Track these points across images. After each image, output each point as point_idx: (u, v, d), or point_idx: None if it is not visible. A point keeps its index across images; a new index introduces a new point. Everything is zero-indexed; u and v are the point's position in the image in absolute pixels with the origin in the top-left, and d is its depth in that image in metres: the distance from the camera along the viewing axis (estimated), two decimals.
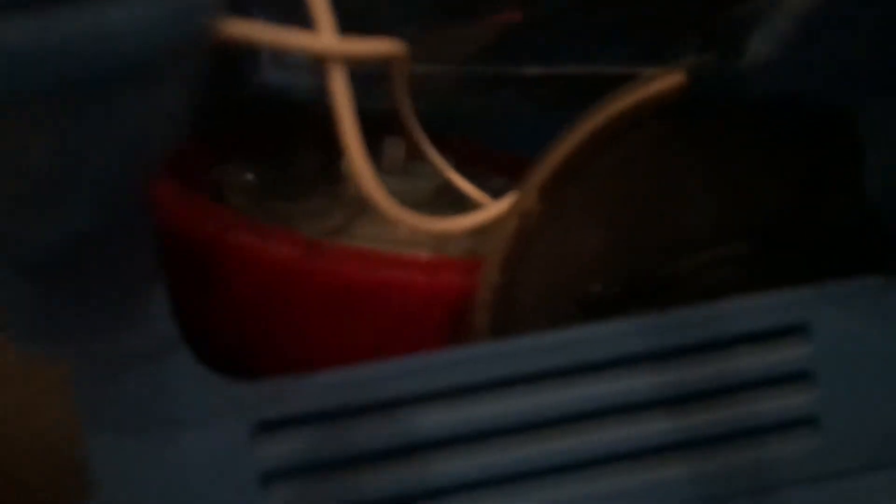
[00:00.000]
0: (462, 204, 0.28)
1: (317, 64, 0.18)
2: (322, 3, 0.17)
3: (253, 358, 0.22)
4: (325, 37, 0.17)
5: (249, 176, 0.27)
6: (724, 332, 0.19)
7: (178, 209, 0.23)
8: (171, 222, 0.23)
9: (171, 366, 0.18)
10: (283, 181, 0.27)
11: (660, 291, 0.21)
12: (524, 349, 0.19)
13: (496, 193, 0.28)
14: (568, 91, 0.24)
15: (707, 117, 0.18)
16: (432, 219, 0.21)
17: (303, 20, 0.18)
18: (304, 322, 0.22)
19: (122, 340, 0.17)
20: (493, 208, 0.21)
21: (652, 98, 0.18)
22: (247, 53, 0.24)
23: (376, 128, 0.27)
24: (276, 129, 0.28)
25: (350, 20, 0.18)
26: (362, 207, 0.27)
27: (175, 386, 0.18)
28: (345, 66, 0.17)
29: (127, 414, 0.18)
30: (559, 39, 0.23)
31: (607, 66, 0.23)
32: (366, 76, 0.20)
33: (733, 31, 0.16)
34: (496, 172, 0.32)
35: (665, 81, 0.18)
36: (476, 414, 0.19)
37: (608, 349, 0.19)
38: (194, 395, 0.18)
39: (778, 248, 0.20)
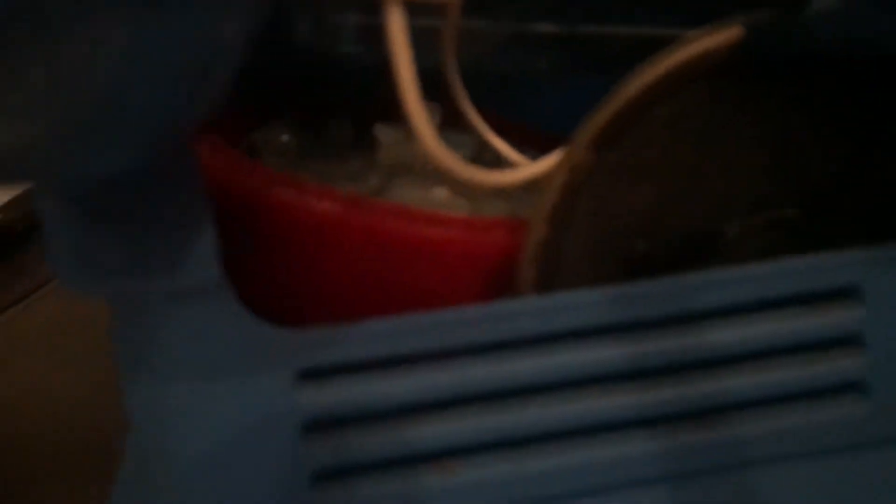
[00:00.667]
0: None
1: (361, 21, 0.18)
2: None
3: (292, 317, 0.21)
4: None
5: (285, 137, 0.26)
6: (772, 294, 0.19)
7: (217, 165, 0.23)
8: (210, 178, 0.23)
9: (214, 308, 0.18)
10: (318, 144, 0.27)
11: (706, 253, 0.20)
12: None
13: None
14: (609, 54, 0.24)
15: (762, 74, 0.18)
16: (484, 171, 0.21)
17: None
18: (345, 279, 0.21)
19: (167, 279, 0.17)
20: (545, 162, 0.20)
21: (707, 53, 0.18)
22: (285, 15, 0.24)
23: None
24: (311, 93, 0.28)
25: None
26: (398, 172, 0.27)
27: (217, 330, 0.18)
28: (402, 5, 0.17)
29: (167, 358, 0.18)
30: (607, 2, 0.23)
31: (653, 27, 0.23)
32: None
33: None
34: (526, 146, 0.32)
35: (721, 36, 0.18)
36: (513, 370, 0.19)
37: (658, 307, 0.19)
38: (237, 340, 0.18)
39: (828, 211, 0.20)
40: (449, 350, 0.19)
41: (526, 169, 0.21)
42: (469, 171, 0.20)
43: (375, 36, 0.20)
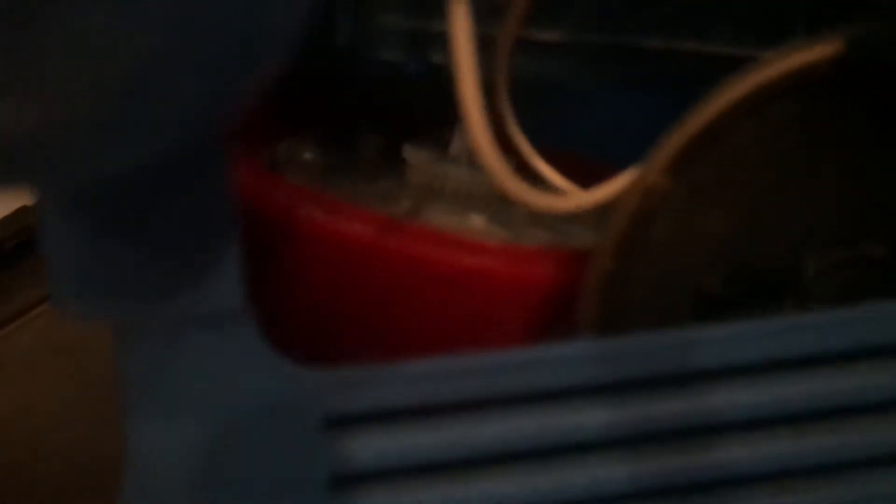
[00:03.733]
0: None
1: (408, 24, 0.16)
2: None
3: (320, 341, 0.19)
4: None
5: (308, 155, 0.24)
6: (852, 342, 0.17)
7: (245, 180, 0.21)
8: (237, 192, 0.21)
9: (233, 342, 0.16)
10: (344, 160, 0.25)
11: (782, 291, 0.18)
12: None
13: None
14: (669, 69, 0.22)
15: (862, 94, 0.16)
16: (549, 195, 0.19)
17: None
18: (376, 306, 0.19)
19: (182, 305, 0.15)
20: (616, 183, 0.18)
21: (804, 68, 0.16)
22: (325, 15, 0.22)
23: (446, 115, 0.25)
24: (343, 104, 0.26)
25: None
26: (430, 195, 0.25)
27: (236, 366, 0.16)
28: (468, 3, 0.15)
29: (175, 395, 0.16)
30: (668, 13, 0.21)
31: (711, 44, 0.21)
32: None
33: None
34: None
35: (815, 51, 0.16)
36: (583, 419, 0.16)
37: (745, 351, 0.16)
38: (257, 380, 0.16)
39: None
40: (494, 398, 0.16)
41: (593, 193, 0.19)
42: (536, 196, 0.18)
43: (423, 41, 0.18)
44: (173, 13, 0.10)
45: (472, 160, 0.28)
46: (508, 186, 0.17)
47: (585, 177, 0.29)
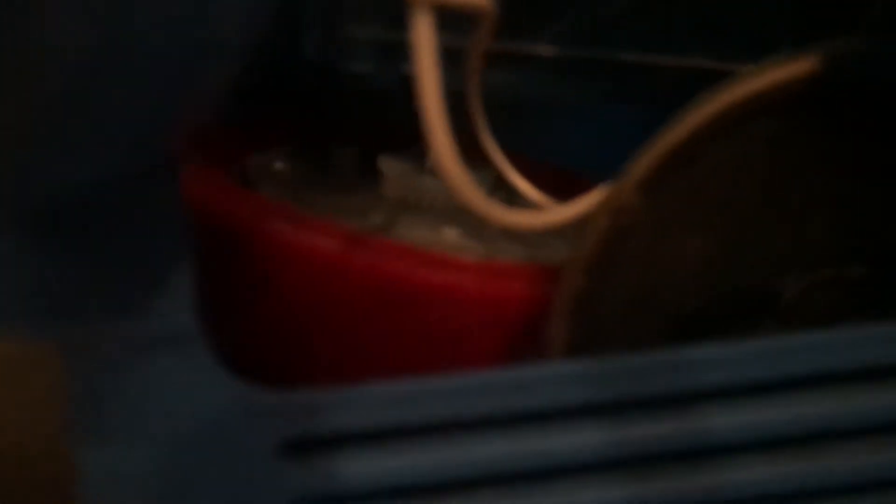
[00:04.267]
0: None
1: (381, 34, 0.16)
2: None
3: (285, 360, 0.19)
4: None
5: (279, 164, 0.24)
6: (828, 366, 0.17)
7: (207, 192, 0.20)
8: (199, 206, 0.20)
9: (185, 362, 0.15)
10: (319, 174, 0.24)
11: (761, 313, 0.18)
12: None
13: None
14: (648, 84, 0.21)
15: (840, 112, 0.16)
16: (520, 212, 0.18)
17: None
18: (342, 324, 0.19)
19: (132, 323, 0.14)
20: (584, 201, 0.18)
21: (780, 85, 0.15)
22: (292, 25, 0.22)
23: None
24: (316, 116, 0.25)
25: None
26: (405, 208, 0.25)
27: (189, 388, 0.15)
28: (432, 10, 0.14)
29: (127, 417, 0.15)
30: (649, 27, 0.21)
31: (695, 58, 0.21)
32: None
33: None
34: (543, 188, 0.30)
35: (796, 66, 0.16)
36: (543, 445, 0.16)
37: (741, 371, 0.16)
38: (212, 402, 0.15)
39: None
40: (465, 421, 0.16)
41: (564, 210, 0.18)
42: (502, 213, 0.17)
43: (394, 53, 0.17)
44: (107, 27, 0.10)
45: None
46: (472, 203, 0.17)
47: (567, 190, 0.29)
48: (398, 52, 0.16)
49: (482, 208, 0.17)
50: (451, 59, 0.18)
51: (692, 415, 0.16)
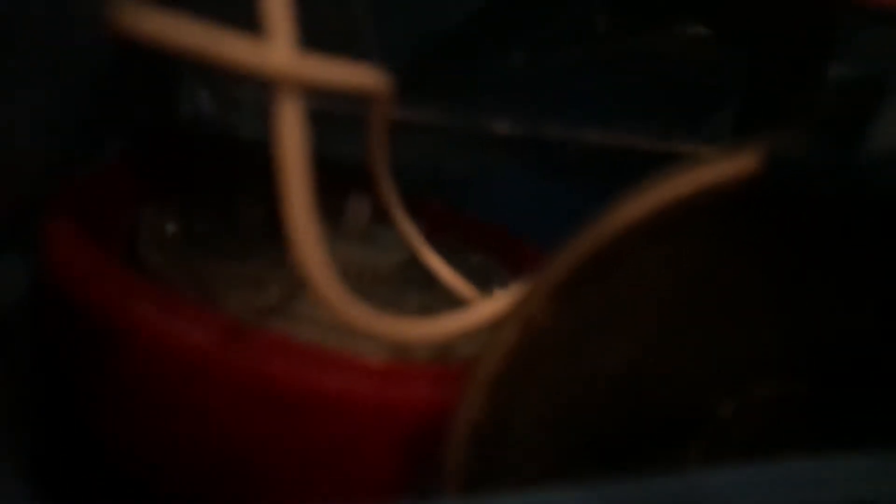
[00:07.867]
0: (432, 284, 0.23)
1: (263, 93, 0.13)
2: (279, 4, 0.11)
3: (155, 463, 0.16)
4: (277, 49, 0.12)
5: (171, 227, 0.21)
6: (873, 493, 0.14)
7: (71, 263, 0.17)
8: (62, 279, 0.17)
9: None
10: (214, 237, 0.22)
11: (691, 435, 0.16)
12: None
13: (473, 273, 0.23)
14: (575, 159, 0.19)
15: (782, 215, 0.14)
16: (392, 320, 0.15)
17: None
18: (217, 427, 0.16)
19: None
20: (482, 309, 0.15)
21: (709, 187, 0.13)
22: (180, 77, 0.19)
23: (342, 182, 0.22)
24: (213, 172, 0.23)
25: (328, 43, 0.13)
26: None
27: None
28: (300, 93, 0.12)
29: None
30: (573, 98, 0.19)
31: (627, 135, 0.19)
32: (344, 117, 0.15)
33: (842, 107, 0.12)
34: (475, 246, 0.28)
35: (731, 165, 0.14)
36: None
37: None
38: None
39: (846, 388, 0.16)
40: None
41: (457, 320, 0.16)
42: (365, 317, 0.15)
43: None
44: None
45: (368, 237, 0.25)
46: (342, 313, 0.14)
47: (497, 248, 0.27)
48: None
49: (352, 318, 0.14)
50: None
51: None
